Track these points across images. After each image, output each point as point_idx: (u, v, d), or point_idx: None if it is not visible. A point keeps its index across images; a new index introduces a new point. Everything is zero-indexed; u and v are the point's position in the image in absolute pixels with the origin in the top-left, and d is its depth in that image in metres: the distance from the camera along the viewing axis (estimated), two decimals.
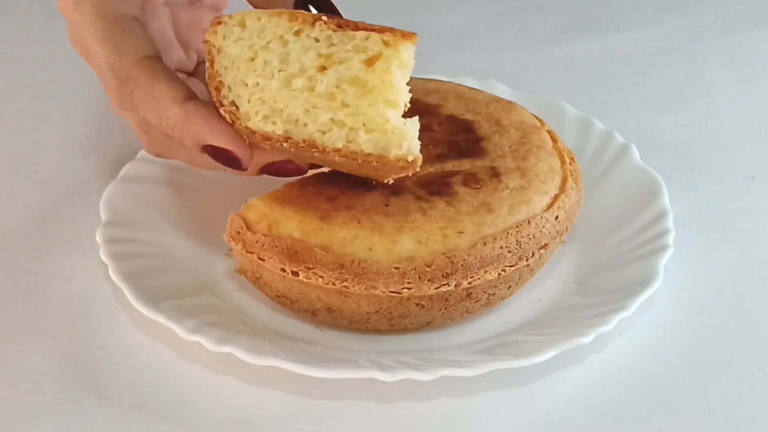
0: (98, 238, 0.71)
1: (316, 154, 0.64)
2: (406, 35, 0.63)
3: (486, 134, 0.73)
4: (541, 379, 0.67)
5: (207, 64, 0.64)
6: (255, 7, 0.67)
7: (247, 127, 0.64)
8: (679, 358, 0.69)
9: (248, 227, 0.68)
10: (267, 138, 0.64)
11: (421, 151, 0.64)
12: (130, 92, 0.65)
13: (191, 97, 0.65)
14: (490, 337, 0.69)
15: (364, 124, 0.63)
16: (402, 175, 0.65)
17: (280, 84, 0.64)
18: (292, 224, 0.67)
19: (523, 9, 1.02)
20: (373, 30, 0.63)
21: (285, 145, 0.64)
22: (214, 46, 0.64)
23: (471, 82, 0.82)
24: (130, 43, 0.65)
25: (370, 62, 0.63)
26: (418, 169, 0.64)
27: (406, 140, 0.63)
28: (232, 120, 0.64)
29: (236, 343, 0.65)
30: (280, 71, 0.64)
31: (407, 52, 0.63)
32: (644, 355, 0.69)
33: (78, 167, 0.81)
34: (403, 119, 0.64)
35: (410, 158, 0.63)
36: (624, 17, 1.01)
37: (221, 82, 0.64)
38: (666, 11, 1.02)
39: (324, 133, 0.64)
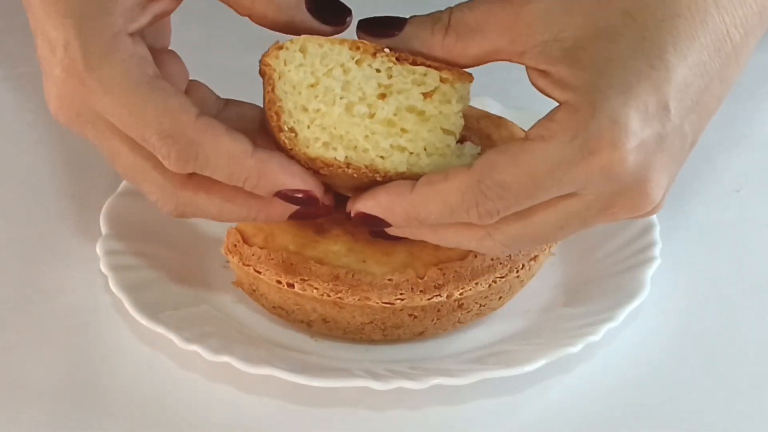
0: (98, 250, 0.72)
1: (378, 178, 0.64)
2: (463, 75, 0.63)
3: None
4: (530, 387, 0.67)
5: (266, 88, 0.63)
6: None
7: (305, 154, 0.63)
8: (666, 368, 0.69)
9: (245, 240, 0.68)
10: (328, 164, 0.63)
11: None
12: (194, 154, 0.61)
13: (256, 145, 0.63)
14: (481, 346, 0.70)
15: (424, 149, 0.64)
16: None
17: (342, 110, 0.63)
18: (288, 237, 0.68)
19: None
20: (430, 66, 0.63)
21: (348, 171, 0.63)
22: (275, 70, 0.63)
23: None
24: (177, 104, 0.61)
25: (428, 95, 0.64)
26: None
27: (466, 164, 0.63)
28: (291, 147, 0.63)
29: (233, 352, 0.65)
30: (341, 98, 0.63)
31: (464, 89, 0.64)
32: (631, 364, 0.69)
33: (79, 181, 0.82)
34: (461, 144, 0.64)
35: None
36: None
37: (281, 107, 0.63)
38: None
39: (384, 158, 0.64)
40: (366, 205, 0.63)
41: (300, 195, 0.63)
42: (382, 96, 0.63)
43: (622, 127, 0.58)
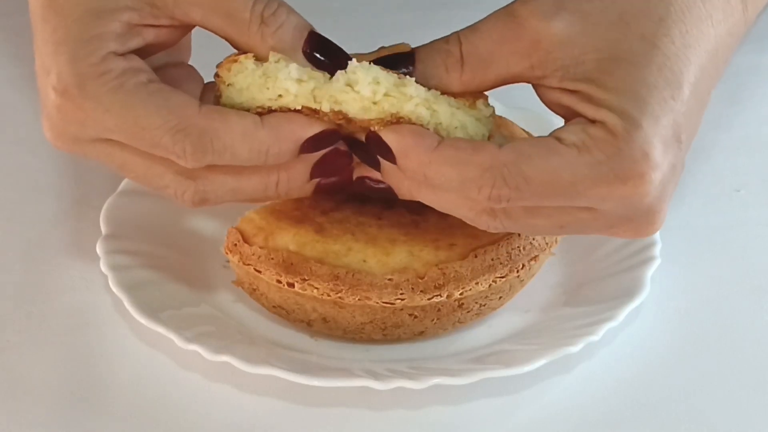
0: (98, 250, 0.72)
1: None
2: (477, 95, 0.63)
3: None
4: (530, 387, 0.68)
5: (214, 98, 0.63)
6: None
7: (290, 109, 0.62)
8: (665, 368, 0.70)
9: (245, 240, 0.69)
10: (314, 111, 0.62)
11: None
12: (209, 143, 0.61)
13: (259, 114, 0.63)
14: (481, 346, 0.70)
15: (455, 127, 0.62)
16: None
17: (318, 84, 0.62)
18: (288, 237, 0.68)
19: None
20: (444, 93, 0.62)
21: (349, 126, 0.62)
22: (224, 82, 0.63)
23: None
24: (179, 101, 0.61)
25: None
26: None
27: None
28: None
29: (233, 352, 0.66)
30: (308, 80, 0.62)
31: (487, 108, 0.63)
32: (631, 364, 0.70)
33: (79, 180, 0.82)
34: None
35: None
36: None
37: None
38: None
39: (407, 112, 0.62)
40: (388, 135, 0.62)
41: (322, 137, 0.63)
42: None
43: (651, 159, 0.60)
